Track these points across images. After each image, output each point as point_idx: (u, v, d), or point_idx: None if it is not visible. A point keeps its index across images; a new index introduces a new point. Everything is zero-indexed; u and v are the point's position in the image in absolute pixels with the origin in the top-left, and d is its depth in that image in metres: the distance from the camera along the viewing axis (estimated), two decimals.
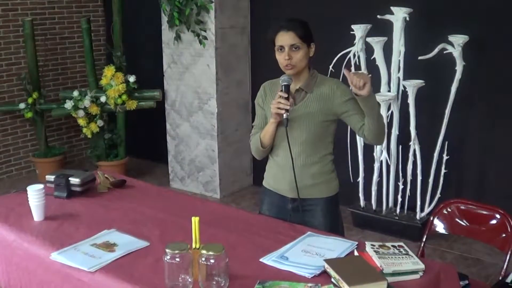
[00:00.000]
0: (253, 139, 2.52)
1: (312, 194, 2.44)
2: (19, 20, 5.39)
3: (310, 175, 2.42)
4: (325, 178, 2.46)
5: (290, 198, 2.48)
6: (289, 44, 2.31)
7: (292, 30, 2.31)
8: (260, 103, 2.52)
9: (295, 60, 2.32)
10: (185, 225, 2.11)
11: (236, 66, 4.96)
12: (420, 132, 3.96)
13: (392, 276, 1.82)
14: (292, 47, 2.31)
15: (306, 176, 2.42)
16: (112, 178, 2.88)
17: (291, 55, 2.31)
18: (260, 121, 2.53)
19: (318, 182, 2.44)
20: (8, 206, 2.55)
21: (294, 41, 2.31)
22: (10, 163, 5.61)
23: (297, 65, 2.33)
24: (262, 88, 2.54)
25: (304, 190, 2.41)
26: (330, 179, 2.48)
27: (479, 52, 3.85)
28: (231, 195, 5.09)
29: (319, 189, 2.45)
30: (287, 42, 2.31)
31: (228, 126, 4.99)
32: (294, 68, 2.34)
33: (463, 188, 4.15)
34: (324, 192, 2.46)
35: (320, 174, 2.44)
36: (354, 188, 4.25)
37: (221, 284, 1.78)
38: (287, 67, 2.34)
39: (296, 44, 2.31)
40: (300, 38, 2.31)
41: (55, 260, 2.05)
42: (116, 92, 5.02)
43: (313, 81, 2.41)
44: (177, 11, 4.73)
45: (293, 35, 2.30)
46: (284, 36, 2.31)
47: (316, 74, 2.44)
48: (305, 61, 2.36)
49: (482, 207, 2.56)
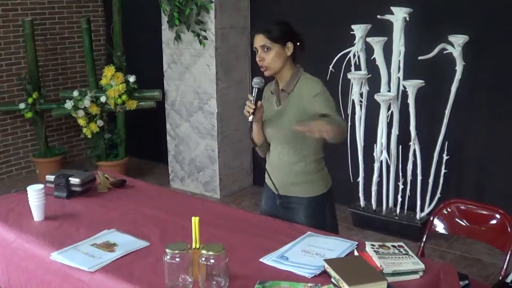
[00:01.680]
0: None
1: (295, 192, 2.47)
2: (19, 20, 5.39)
3: (293, 173, 2.45)
4: (308, 178, 2.46)
5: (277, 194, 2.51)
6: (259, 46, 2.36)
7: (261, 32, 2.35)
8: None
9: (267, 61, 2.36)
10: (185, 225, 2.12)
11: (236, 66, 4.96)
12: (420, 132, 3.96)
13: (392, 276, 1.82)
14: (264, 48, 2.35)
15: (290, 174, 2.45)
16: (112, 178, 2.88)
17: (262, 56, 2.37)
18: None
19: (301, 181, 2.46)
20: (8, 206, 2.55)
21: (263, 42, 2.34)
22: (10, 163, 5.62)
23: (270, 65, 2.37)
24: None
25: (288, 187, 2.47)
26: (315, 179, 2.48)
27: (479, 52, 3.84)
28: (231, 195, 5.09)
29: (301, 188, 2.46)
30: (258, 43, 2.36)
31: (228, 126, 4.99)
32: (269, 69, 2.38)
33: (463, 188, 4.15)
34: (307, 192, 2.46)
35: (303, 174, 2.45)
36: (354, 188, 4.25)
37: (221, 284, 1.78)
38: (262, 69, 2.39)
39: (266, 45, 2.34)
40: (270, 39, 2.33)
41: (55, 260, 2.05)
42: (116, 92, 5.02)
43: (294, 80, 2.41)
44: (177, 11, 4.73)
45: (262, 37, 2.34)
46: (256, 38, 2.37)
47: (300, 73, 2.43)
48: (278, 61, 2.36)
49: (482, 207, 2.56)
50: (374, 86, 4.05)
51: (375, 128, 4.07)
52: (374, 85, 4.05)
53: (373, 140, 4.10)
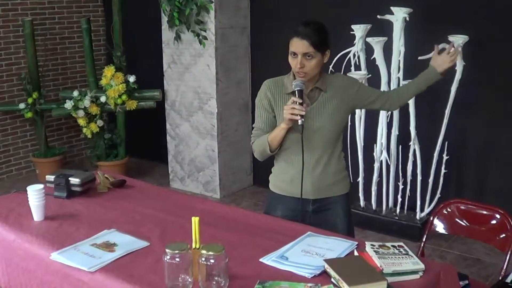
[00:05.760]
0: (258, 142, 2.41)
1: (334, 192, 2.47)
2: (19, 20, 5.39)
3: (332, 173, 2.44)
4: (343, 175, 2.51)
5: (311, 199, 2.44)
6: (302, 52, 2.26)
7: (306, 39, 2.24)
8: (266, 105, 2.40)
9: (308, 68, 2.28)
10: (185, 225, 2.12)
11: (236, 66, 4.96)
12: (420, 132, 3.96)
13: (392, 276, 1.82)
14: (306, 55, 2.27)
15: (328, 175, 2.43)
16: (112, 178, 2.87)
17: (304, 63, 2.27)
18: (262, 122, 2.42)
19: (338, 179, 2.48)
20: (8, 206, 2.55)
21: (307, 49, 2.25)
22: (10, 163, 5.62)
23: (310, 73, 2.30)
24: (267, 88, 2.42)
25: (323, 190, 2.44)
26: (346, 176, 2.55)
27: (479, 52, 3.84)
28: (231, 195, 5.09)
29: (339, 186, 2.49)
30: (301, 50, 2.25)
31: (228, 126, 4.99)
32: (306, 76, 2.30)
33: (463, 188, 4.15)
34: (343, 189, 2.51)
35: (340, 171, 2.48)
36: (354, 188, 4.23)
37: (221, 284, 1.78)
38: (299, 74, 2.30)
39: (310, 53, 2.26)
40: (314, 47, 2.25)
41: (55, 260, 2.04)
42: (116, 92, 5.02)
43: (327, 80, 2.41)
44: (177, 11, 4.73)
45: (307, 44, 2.24)
46: (298, 43, 2.25)
47: (323, 72, 2.43)
48: (318, 68, 2.32)
49: (482, 207, 2.56)
50: (374, 86, 4.02)
51: (375, 128, 4.07)
52: (374, 85, 4.02)
53: (373, 140, 4.10)
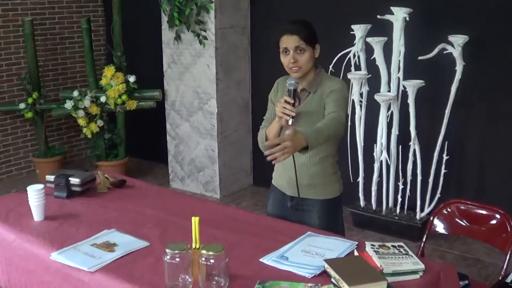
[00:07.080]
0: (261, 133, 2.49)
1: (309, 194, 2.44)
2: (19, 20, 5.39)
3: (309, 175, 2.41)
4: (324, 180, 2.45)
5: (289, 195, 2.48)
6: (293, 47, 2.31)
7: (296, 34, 2.30)
8: (272, 98, 2.52)
9: (301, 62, 2.32)
10: (185, 225, 2.11)
11: (236, 66, 4.96)
12: (420, 132, 3.96)
13: (392, 276, 1.82)
14: (297, 50, 2.31)
15: (305, 176, 2.40)
16: (112, 178, 2.87)
17: (296, 57, 2.31)
18: (270, 115, 2.53)
19: (316, 183, 2.43)
20: (8, 206, 2.55)
21: (298, 43, 2.30)
22: (10, 163, 5.61)
23: (303, 67, 2.33)
24: (277, 84, 2.53)
25: (302, 189, 2.40)
26: (330, 182, 2.47)
27: (479, 52, 3.84)
28: (231, 195, 5.09)
29: (316, 191, 2.44)
30: (292, 44, 2.31)
31: (228, 126, 4.99)
32: (300, 71, 2.33)
33: (463, 188, 4.15)
34: (322, 194, 2.45)
35: (320, 176, 2.43)
36: (354, 188, 4.25)
37: (221, 284, 1.78)
38: (292, 70, 2.33)
39: (301, 47, 2.31)
40: (305, 40, 2.31)
41: (55, 260, 2.05)
42: (116, 92, 5.02)
43: (317, 81, 2.40)
44: (177, 11, 4.73)
45: (297, 38, 2.30)
46: (288, 39, 2.31)
47: (322, 73, 2.43)
48: (311, 62, 2.35)
49: (482, 207, 2.56)
50: (374, 86, 4.05)
51: (375, 128, 4.06)
52: (374, 85, 4.05)
53: (373, 140, 4.10)
